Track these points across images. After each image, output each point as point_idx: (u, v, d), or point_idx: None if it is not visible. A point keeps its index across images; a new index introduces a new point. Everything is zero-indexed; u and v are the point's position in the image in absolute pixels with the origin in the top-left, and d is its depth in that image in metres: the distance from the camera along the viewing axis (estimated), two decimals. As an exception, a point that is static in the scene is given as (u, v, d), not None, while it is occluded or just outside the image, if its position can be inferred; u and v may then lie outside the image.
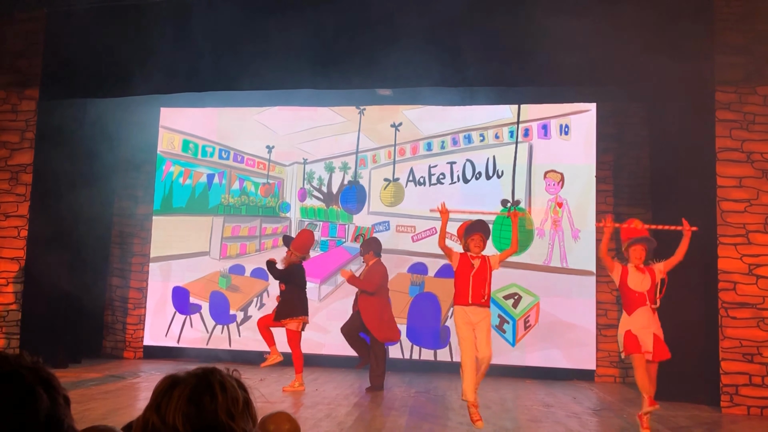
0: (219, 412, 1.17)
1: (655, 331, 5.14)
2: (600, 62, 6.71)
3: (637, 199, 8.43)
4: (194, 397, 1.17)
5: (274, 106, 9.23)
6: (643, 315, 5.16)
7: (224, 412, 1.18)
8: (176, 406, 1.16)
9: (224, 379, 1.22)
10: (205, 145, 9.47)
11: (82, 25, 7.62)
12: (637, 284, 5.21)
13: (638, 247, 5.24)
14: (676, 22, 6.52)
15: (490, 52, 6.78)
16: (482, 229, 5.53)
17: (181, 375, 1.22)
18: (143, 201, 9.44)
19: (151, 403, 1.20)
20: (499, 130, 8.81)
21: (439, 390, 7.21)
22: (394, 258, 8.58)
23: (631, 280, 5.23)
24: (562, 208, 8.56)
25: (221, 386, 1.20)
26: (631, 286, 5.22)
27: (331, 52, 7.11)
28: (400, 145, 9.00)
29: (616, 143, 8.59)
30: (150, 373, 7.79)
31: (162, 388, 1.21)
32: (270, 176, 9.30)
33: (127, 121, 9.21)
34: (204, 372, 1.23)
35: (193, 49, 7.31)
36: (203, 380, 1.20)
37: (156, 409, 1.18)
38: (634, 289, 5.21)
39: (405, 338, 8.62)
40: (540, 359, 8.34)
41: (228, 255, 9.27)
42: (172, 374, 1.25)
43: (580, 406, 6.53)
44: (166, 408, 1.16)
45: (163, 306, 9.24)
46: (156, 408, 1.18)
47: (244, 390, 1.26)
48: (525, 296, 8.47)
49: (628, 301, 5.23)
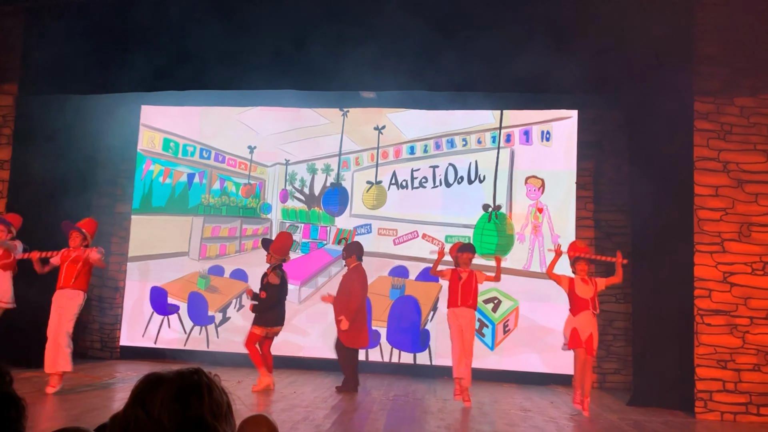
0: (204, 412, 1.17)
1: (592, 332, 6.35)
2: (580, 70, 6.77)
3: (616, 206, 8.52)
4: (180, 395, 1.17)
5: (256, 107, 9.18)
6: (586, 317, 6.37)
7: (209, 414, 1.17)
8: (162, 403, 1.15)
9: (210, 381, 1.22)
10: (186, 144, 9.39)
11: (61, 20, 7.52)
12: (582, 292, 6.44)
13: (582, 263, 6.55)
14: (656, 32, 6.60)
15: (474, 57, 6.81)
16: (471, 249, 6.94)
17: (166, 373, 1.22)
18: (122, 199, 9.33)
19: (134, 398, 1.19)
20: (481, 135, 8.86)
21: (418, 393, 7.22)
22: (376, 261, 8.58)
23: (578, 289, 6.47)
24: (542, 214, 8.63)
25: (207, 388, 1.20)
26: (579, 293, 6.45)
27: (315, 53, 7.09)
28: (383, 148, 9.01)
29: (596, 150, 8.68)
30: (125, 377, 7.70)
31: (145, 384, 1.20)
32: (251, 177, 9.26)
33: (108, 118, 9.09)
34: (189, 372, 1.22)
35: (174, 47, 7.25)
36: (189, 380, 1.19)
37: (141, 404, 1.17)
38: (581, 295, 6.44)
39: (385, 341, 8.62)
40: (518, 363, 8.39)
41: (207, 255, 9.20)
42: (155, 372, 1.24)
43: (557, 411, 6.57)
44: (151, 403, 1.15)
45: (140, 306, 9.14)
46: (141, 403, 1.17)
47: (226, 395, 1.26)
48: (504, 300, 8.51)
49: (575, 306, 6.45)
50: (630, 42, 6.64)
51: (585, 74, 6.83)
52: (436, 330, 8.53)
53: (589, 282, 6.49)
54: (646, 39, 6.61)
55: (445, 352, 8.47)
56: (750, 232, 6.57)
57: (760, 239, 6.56)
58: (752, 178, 6.64)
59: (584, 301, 6.39)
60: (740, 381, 6.41)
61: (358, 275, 7.23)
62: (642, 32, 6.63)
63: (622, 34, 6.66)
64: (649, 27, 6.65)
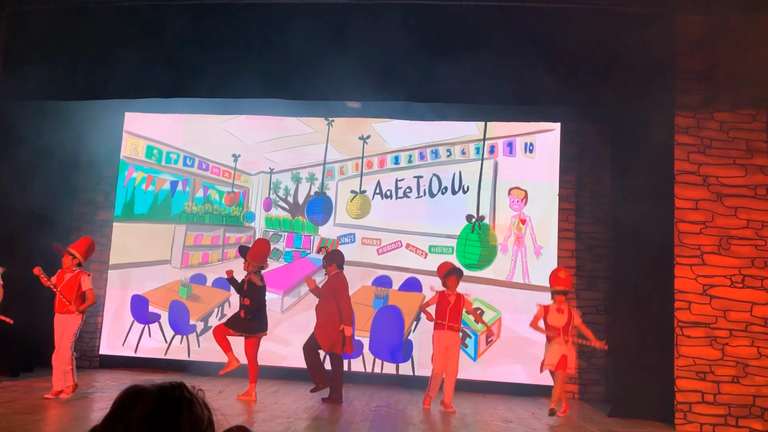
0: (183, 428, 1.15)
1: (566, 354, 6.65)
2: (563, 83, 6.84)
3: (598, 218, 8.60)
4: (159, 410, 1.16)
5: (241, 115, 9.16)
6: (558, 344, 6.68)
7: (188, 430, 1.16)
8: (140, 418, 1.14)
9: (191, 396, 1.21)
10: (170, 151, 9.34)
11: (44, 25, 7.47)
12: (554, 321, 6.74)
13: (559, 295, 6.84)
14: (638, 47, 6.69)
15: (458, 68, 6.85)
16: (458, 272, 7.12)
17: (147, 386, 1.20)
18: (104, 206, 9.25)
19: (113, 412, 1.18)
20: (465, 146, 8.91)
21: (400, 404, 7.20)
22: (359, 270, 8.58)
23: (550, 317, 6.78)
24: (525, 225, 8.68)
25: (188, 403, 1.19)
26: (550, 321, 6.75)
27: (300, 62, 7.09)
28: (367, 158, 9.02)
29: (578, 162, 8.76)
30: (104, 386, 7.60)
31: (125, 397, 1.18)
32: (235, 185, 9.22)
33: (90, 125, 9.03)
34: (171, 386, 1.21)
35: (157, 54, 7.21)
36: (170, 394, 1.18)
37: (120, 418, 1.16)
38: (552, 324, 6.74)
39: (367, 351, 8.60)
40: (501, 374, 8.40)
41: (190, 264, 9.13)
42: (136, 384, 1.22)
43: (539, 422, 6.59)
44: (129, 418, 1.14)
45: (120, 314, 9.04)
46: (120, 417, 1.16)
47: (208, 410, 1.25)
48: (488, 311, 8.54)
49: (548, 331, 6.77)
50: (613, 57, 6.72)
51: (568, 88, 6.90)
52: (418, 340, 8.53)
53: (564, 311, 6.77)
54: (629, 54, 6.69)
55: (428, 362, 8.47)
56: (729, 245, 6.66)
57: (739, 252, 6.65)
58: (731, 192, 6.73)
59: (556, 329, 6.71)
60: (719, 393, 6.47)
61: (339, 282, 7.18)
62: (625, 47, 6.71)
63: (605, 48, 6.74)
64: (632, 42, 6.74)
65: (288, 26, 7.03)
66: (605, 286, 8.41)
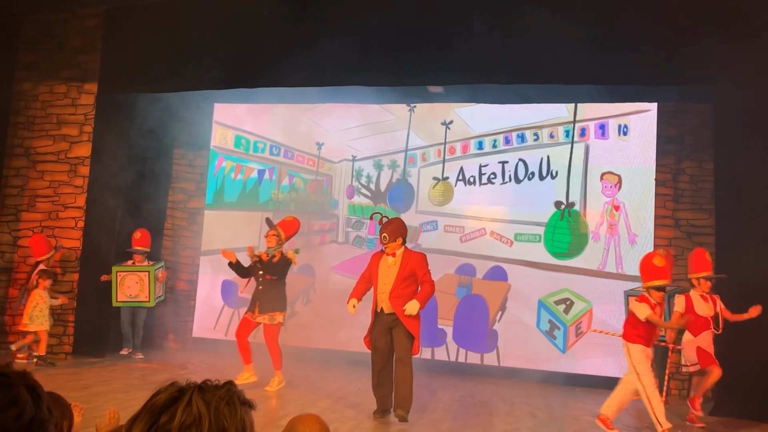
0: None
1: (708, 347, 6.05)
2: (662, 60, 6.41)
3: (699, 205, 8.04)
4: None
5: (324, 103, 9.21)
6: (707, 338, 6.06)
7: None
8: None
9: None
10: (257, 140, 9.54)
11: (138, 21, 7.79)
12: (702, 310, 6.07)
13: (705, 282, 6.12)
14: (743, 19, 6.15)
15: (546, 49, 6.56)
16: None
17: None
18: (195, 195, 9.60)
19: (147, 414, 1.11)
20: (554, 130, 8.55)
21: (484, 395, 7.04)
22: (442, 258, 8.44)
23: (697, 307, 6.06)
24: (618, 212, 8.24)
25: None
26: (698, 311, 6.05)
27: (383, 48, 7.03)
28: (450, 144, 8.84)
29: (677, 145, 8.22)
30: (196, 369, 7.90)
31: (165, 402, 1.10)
32: (319, 173, 9.30)
33: (181, 116, 9.36)
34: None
35: (245, 45, 7.37)
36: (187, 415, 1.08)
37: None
38: (700, 314, 6.04)
39: (451, 340, 8.48)
40: (591, 367, 8.05)
41: (276, 251, 9.30)
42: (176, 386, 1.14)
43: (632, 419, 6.25)
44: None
45: (212, 299, 9.36)
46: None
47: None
48: (577, 302, 8.19)
49: (695, 325, 6.01)
50: (715, 30, 6.22)
51: (666, 65, 6.47)
52: (504, 330, 8.32)
53: (709, 299, 6.13)
54: (734, 26, 6.16)
55: (513, 353, 8.27)
56: None
57: None
58: None
59: (704, 320, 6.06)
60: (837, 394, 5.90)
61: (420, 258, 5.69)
62: (728, 19, 6.20)
63: (709, 21, 6.25)
64: (737, 14, 6.21)
65: (371, 12, 6.98)
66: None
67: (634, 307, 5.47)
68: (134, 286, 8.01)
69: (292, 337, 8.90)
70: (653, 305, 5.39)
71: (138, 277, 8.03)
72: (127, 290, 8.00)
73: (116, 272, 8.01)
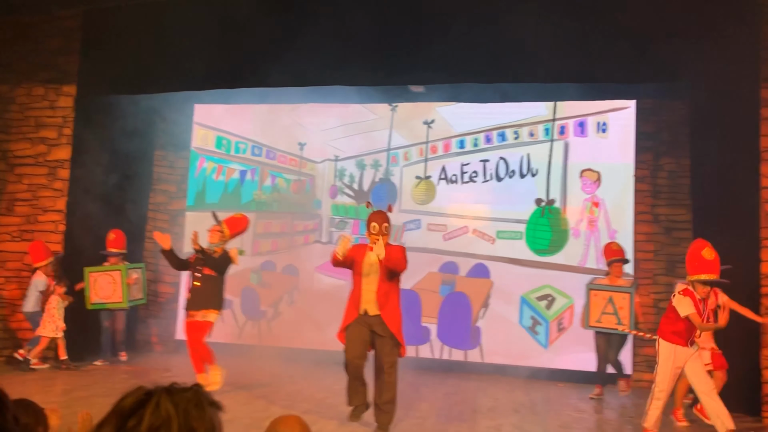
0: None
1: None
2: (639, 58, 6.50)
3: (677, 201, 8.16)
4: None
5: (306, 103, 9.20)
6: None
7: None
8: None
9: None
10: (238, 141, 9.52)
11: (117, 22, 7.73)
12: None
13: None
14: (720, 16, 6.26)
15: (526, 48, 6.62)
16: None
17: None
18: (177, 196, 9.54)
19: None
20: (534, 128, 8.63)
21: (468, 392, 7.10)
22: (425, 257, 8.49)
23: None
24: (598, 208, 8.34)
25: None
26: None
27: (364, 48, 7.05)
28: (432, 143, 8.89)
29: (655, 142, 8.33)
30: (178, 373, 7.86)
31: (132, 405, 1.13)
32: (301, 173, 9.30)
33: (162, 117, 9.31)
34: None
35: (226, 45, 7.35)
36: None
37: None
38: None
39: (435, 338, 8.53)
40: (573, 362, 8.14)
41: (259, 251, 9.30)
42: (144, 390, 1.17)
43: (614, 413, 6.34)
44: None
45: (195, 301, 9.30)
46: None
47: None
48: (559, 298, 8.28)
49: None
50: (692, 28, 6.33)
51: (644, 63, 6.56)
52: (487, 327, 8.38)
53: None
54: (710, 24, 6.27)
55: (496, 349, 8.33)
56: (823, 227, 6.16)
57: None
58: (826, 170, 6.22)
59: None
60: (812, 385, 6.03)
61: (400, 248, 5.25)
62: (706, 16, 6.30)
63: (683, 20, 6.35)
64: (713, 10, 6.32)
65: (352, 11, 6.99)
66: (684, 270, 7.97)
67: (676, 303, 4.96)
68: (107, 287, 7.69)
69: (276, 338, 8.91)
70: (698, 301, 4.89)
71: (111, 277, 7.69)
72: (100, 291, 7.64)
73: (88, 273, 7.70)
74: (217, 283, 6.28)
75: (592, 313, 7.07)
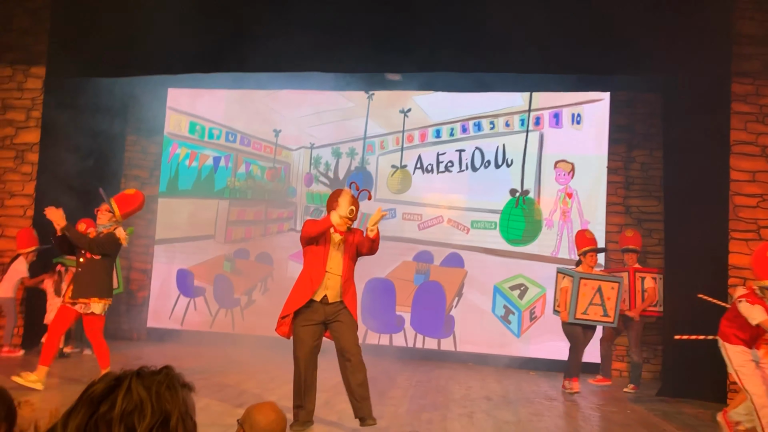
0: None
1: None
2: (614, 51, 6.56)
3: (649, 192, 8.29)
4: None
5: (281, 89, 9.11)
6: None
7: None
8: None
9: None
10: (212, 127, 9.39)
11: (89, 2, 7.54)
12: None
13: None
14: (695, 11, 6.34)
15: (502, 38, 6.63)
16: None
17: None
18: (149, 182, 9.39)
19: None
20: (509, 118, 8.67)
21: (441, 380, 7.14)
22: (400, 246, 8.51)
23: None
24: (572, 199, 8.43)
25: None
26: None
27: (341, 34, 6.99)
28: (408, 132, 8.88)
29: (628, 134, 8.44)
30: (149, 361, 7.77)
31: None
32: (276, 160, 9.22)
33: (134, 101, 9.14)
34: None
35: (200, 29, 7.21)
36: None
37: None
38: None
39: (409, 326, 8.56)
40: (545, 351, 8.24)
41: (233, 239, 9.22)
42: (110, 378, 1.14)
43: (584, 401, 6.44)
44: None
45: (167, 288, 9.22)
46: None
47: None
48: (531, 287, 8.37)
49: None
50: (666, 22, 6.40)
51: (618, 55, 6.62)
52: (460, 316, 8.44)
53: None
54: (684, 19, 6.35)
55: (470, 338, 8.40)
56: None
57: (799, 227, 6.29)
58: (792, 163, 6.36)
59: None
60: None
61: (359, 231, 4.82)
62: (679, 12, 6.38)
63: (658, 13, 6.42)
64: (688, 6, 6.40)
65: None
66: (656, 261, 8.12)
67: (746, 311, 4.69)
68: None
69: (250, 326, 8.85)
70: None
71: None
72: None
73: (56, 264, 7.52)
74: (98, 268, 5.48)
75: (579, 304, 6.62)
